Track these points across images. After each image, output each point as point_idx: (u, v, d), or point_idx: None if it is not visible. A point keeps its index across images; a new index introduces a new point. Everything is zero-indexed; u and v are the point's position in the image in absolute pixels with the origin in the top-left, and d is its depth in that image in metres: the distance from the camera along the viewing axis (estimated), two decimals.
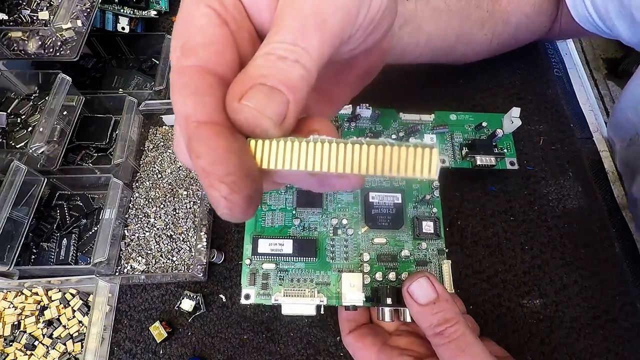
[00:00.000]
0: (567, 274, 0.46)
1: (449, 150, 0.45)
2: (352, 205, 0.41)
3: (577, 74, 0.60)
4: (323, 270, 0.38)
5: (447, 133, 0.45)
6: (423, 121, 0.45)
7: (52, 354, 0.42)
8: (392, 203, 0.41)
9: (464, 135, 0.46)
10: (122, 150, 0.48)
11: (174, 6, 0.67)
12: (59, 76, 0.48)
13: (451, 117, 0.46)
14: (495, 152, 0.44)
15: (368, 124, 0.44)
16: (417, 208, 0.42)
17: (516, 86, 0.56)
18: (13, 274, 0.44)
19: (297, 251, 0.38)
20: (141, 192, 0.51)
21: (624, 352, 0.43)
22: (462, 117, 0.46)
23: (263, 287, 0.38)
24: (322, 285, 0.38)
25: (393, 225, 0.40)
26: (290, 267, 0.38)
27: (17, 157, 0.45)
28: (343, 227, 0.40)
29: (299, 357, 0.43)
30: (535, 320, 0.44)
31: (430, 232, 0.39)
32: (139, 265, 0.46)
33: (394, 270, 0.38)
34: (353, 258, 0.39)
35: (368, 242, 0.40)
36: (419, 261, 0.39)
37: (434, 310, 0.32)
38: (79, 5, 0.49)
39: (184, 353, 0.43)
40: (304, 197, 0.40)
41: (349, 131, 0.44)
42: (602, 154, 0.54)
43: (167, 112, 0.54)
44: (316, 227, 0.40)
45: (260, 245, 0.38)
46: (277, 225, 0.40)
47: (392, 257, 0.39)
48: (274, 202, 0.41)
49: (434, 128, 0.45)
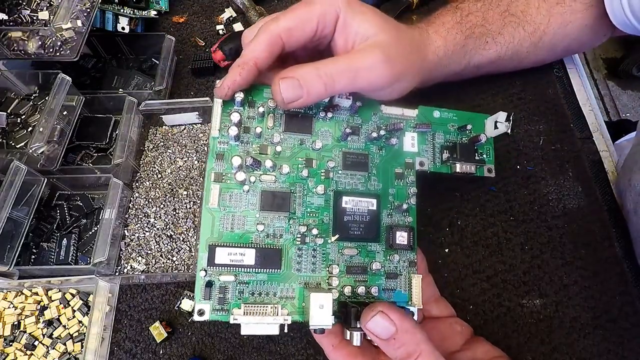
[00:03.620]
0: (567, 274, 0.46)
1: (429, 152, 0.41)
2: (323, 210, 0.37)
3: (577, 74, 0.60)
4: (287, 283, 0.35)
5: (429, 133, 0.42)
6: (406, 117, 0.41)
7: (52, 354, 0.42)
8: (366, 209, 0.37)
9: (445, 136, 0.42)
10: (122, 150, 0.48)
11: (174, 6, 0.67)
12: (59, 76, 0.48)
13: (435, 113, 0.43)
14: (476, 159, 0.41)
15: (346, 115, 0.40)
16: (392, 216, 0.38)
17: (516, 86, 0.56)
18: (13, 274, 0.44)
19: (260, 262, 0.34)
20: (141, 192, 0.51)
21: (624, 352, 0.43)
22: (445, 115, 0.43)
23: (220, 301, 0.33)
24: (285, 299, 0.34)
25: (365, 235, 0.37)
26: (252, 279, 0.34)
27: (17, 157, 0.45)
28: (312, 236, 0.36)
29: (299, 357, 0.43)
30: (535, 320, 0.44)
31: (403, 243, 0.37)
32: (139, 265, 0.46)
33: (363, 283, 0.36)
34: (321, 270, 0.36)
35: (338, 252, 0.37)
36: (390, 274, 0.37)
37: (395, 345, 0.31)
38: (79, 5, 0.49)
39: (184, 353, 0.43)
40: (270, 200, 0.36)
41: (324, 122, 0.39)
42: (602, 154, 0.54)
43: (167, 112, 0.54)
44: (282, 234, 0.36)
45: (218, 255, 0.33)
46: (238, 230, 0.35)
47: (362, 269, 0.37)
48: (234, 204, 0.35)
49: (416, 126, 0.41)
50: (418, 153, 0.41)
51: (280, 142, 0.37)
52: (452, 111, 0.43)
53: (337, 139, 0.39)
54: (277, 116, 0.38)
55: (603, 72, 1.95)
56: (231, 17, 0.65)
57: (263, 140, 0.37)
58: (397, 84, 0.39)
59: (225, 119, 0.36)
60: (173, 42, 0.58)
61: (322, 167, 0.38)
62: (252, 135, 0.37)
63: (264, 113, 0.37)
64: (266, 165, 0.36)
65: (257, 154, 0.37)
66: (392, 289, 0.37)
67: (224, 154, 0.36)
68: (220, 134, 0.36)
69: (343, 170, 0.38)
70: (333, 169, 0.38)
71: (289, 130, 0.38)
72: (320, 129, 0.39)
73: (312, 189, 0.37)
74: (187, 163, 0.53)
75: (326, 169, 0.38)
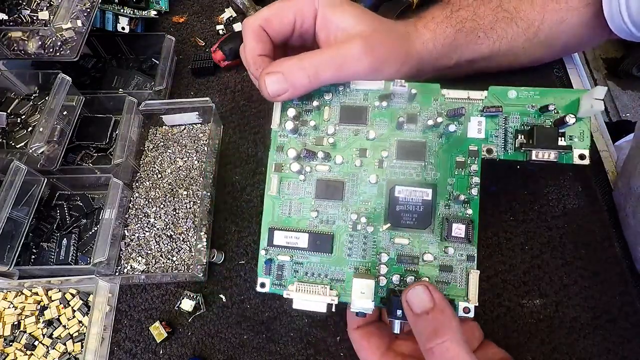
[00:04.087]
0: (567, 274, 0.46)
1: (499, 137, 0.37)
2: (376, 199, 0.38)
3: (577, 74, 0.60)
4: (338, 267, 0.37)
5: (501, 117, 0.38)
6: (472, 100, 0.38)
7: (52, 354, 0.42)
8: (420, 199, 0.36)
9: (522, 118, 0.38)
10: (122, 150, 0.48)
11: (174, 6, 0.67)
12: (59, 76, 0.48)
13: (510, 94, 0.38)
14: (560, 145, 0.36)
15: (403, 103, 0.39)
16: (450, 207, 0.37)
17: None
18: (13, 274, 0.44)
19: (312, 246, 0.37)
20: (141, 192, 0.51)
21: (624, 352, 0.43)
22: (524, 94, 0.38)
23: (278, 277, 0.37)
24: (335, 281, 0.37)
25: (418, 225, 0.36)
26: (305, 260, 0.37)
27: (17, 157, 0.45)
28: (363, 224, 0.37)
29: (299, 357, 0.43)
30: (535, 320, 0.44)
31: (460, 235, 0.35)
32: (139, 265, 0.46)
33: (413, 273, 0.36)
34: (371, 257, 0.37)
35: (389, 241, 0.37)
36: (443, 267, 0.36)
37: (426, 321, 0.31)
38: (79, 5, 0.49)
39: (184, 353, 0.43)
40: (324, 188, 0.38)
41: (379, 111, 0.39)
42: (602, 154, 0.54)
43: (167, 112, 0.54)
44: (335, 220, 0.38)
45: (276, 237, 0.37)
46: (294, 216, 0.38)
47: (413, 258, 0.36)
48: (292, 191, 0.39)
49: (484, 109, 0.37)
50: (485, 139, 0.37)
51: (335, 133, 0.39)
52: (534, 89, 0.38)
53: (393, 128, 0.39)
54: (333, 108, 0.39)
55: (603, 72, 1.95)
56: (231, 17, 0.65)
57: (319, 132, 0.39)
58: (379, 72, 0.40)
59: (284, 113, 0.39)
60: (173, 42, 0.58)
61: (375, 157, 0.38)
62: (309, 128, 0.39)
63: (320, 106, 0.39)
64: (320, 156, 0.38)
65: (313, 146, 0.39)
66: (447, 281, 0.36)
67: (283, 146, 0.39)
68: (280, 127, 0.39)
69: (397, 160, 0.38)
70: (387, 158, 0.38)
71: (344, 122, 0.39)
72: (376, 119, 0.39)
73: (366, 178, 0.38)
74: (187, 163, 0.53)
75: (380, 158, 0.38)
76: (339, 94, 0.40)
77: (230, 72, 0.59)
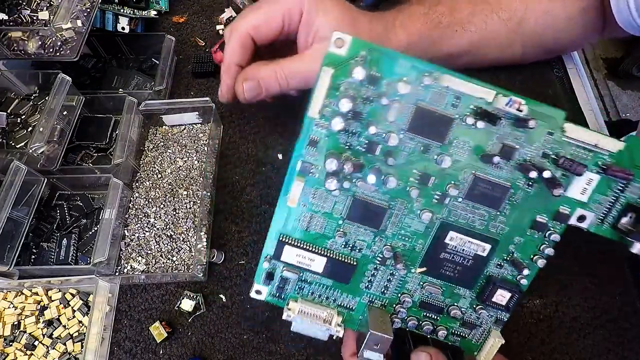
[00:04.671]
0: (567, 274, 0.46)
1: (603, 205, 0.29)
2: (419, 237, 0.31)
3: (577, 74, 0.60)
4: (351, 295, 0.32)
5: (621, 184, 0.29)
6: (599, 150, 0.28)
7: (52, 354, 0.42)
8: (472, 254, 0.30)
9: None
10: (122, 150, 0.48)
11: (174, 6, 0.67)
12: (59, 76, 0.48)
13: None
14: None
15: (505, 129, 0.28)
16: (502, 267, 0.31)
17: (516, 86, 0.56)
18: (13, 274, 0.44)
19: (328, 273, 0.31)
20: (141, 192, 0.51)
21: (624, 352, 0.43)
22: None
23: (278, 289, 0.32)
24: (344, 308, 0.32)
25: (459, 281, 0.31)
26: (315, 280, 0.32)
27: (17, 157, 0.45)
28: (392, 265, 0.31)
29: (299, 357, 0.43)
30: (535, 320, 0.44)
31: (500, 303, 0.31)
32: (139, 265, 0.46)
33: (432, 321, 0.32)
34: (392, 294, 0.32)
35: (418, 284, 0.32)
36: (466, 323, 0.32)
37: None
38: (79, 5, 0.49)
39: (184, 353, 0.43)
40: (361, 210, 0.30)
41: (468, 130, 0.28)
42: None
43: (167, 112, 0.54)
44: (362, 248, 0.31)
45: (286, 253, 0.31)
46: (314, 231, 0.31)
47: (438, 309, 0.32)
48: (318, 203, 0.30)
49: (607, 169, 0.28)
50: (585, 204, 0.29)
51: (397, 145, 0.28)
52: None
53: (476, 158, 0.29)
54: (405, 107, 0.27)
55: (603, 72, 1.95)
56: (231, 17, 0.65)
57: (375, 136, 0.28)
58: None
59: (332, 95, 0.27)
60: (173, 42, 0.58)
61: (439, 190, 0.29)
62: (363, 127, 0.28)
63: (388, 101, 0.27)
64: (368, 181, 0.28)
65: (361, 154, 0.29)
66: (463, 336, 0.33)
67: (319, 140, 0.28)
68: (320, 115, 0.28)
69: (465, 200, 0.30)
70: (453, 196, 0.30)
71: (415, 131, 0.28)
72: (458, 139, 0.28)
73: (416, 212, 0.30)
74: (187, 163, 0.53)
75: (443, 192, 0.30)
76: (420, 88, 0.27)
77: None
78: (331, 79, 0.26)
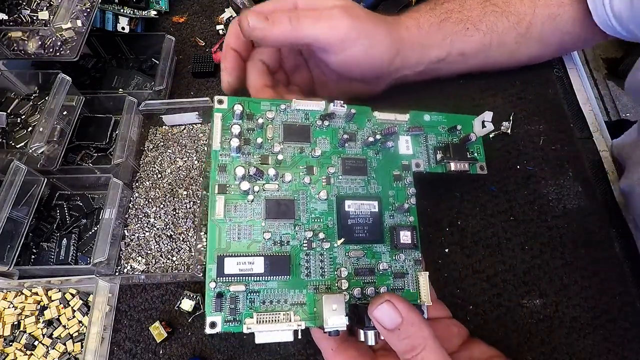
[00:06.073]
0: (567, 274, 0.46)
1: (423, 153, 0.43)
2: (327, 215, 0.38)
3: (577, 74, 0.60)
4: (298, 289, 0.35)
5: (422, 135, 0.43)
6: (398, 121, 0.42)
7: (52, 354, 0.42)
8: (368, 212, 0.38)
9: (437, 137, 0.44)
10: (122, 150, 0.48)
11: (174, 6, 0.67)
12: (59, 76, 0.48)
13: (425, 117, 0.44)
14: (469, 157, 0.43)
15: (342, 123, 0.41)
16: (394, 217, 0.39)
17: (516, 86, 0.56)
18: (13, 274, 0.45)
19: (269, 270, 0.34)
20: (141, 192, 0.51)
21: (624, 352, 0.43)
22: (435, 118, 0.45)
23: (231, 312, 0.33)
24: (297, 305, 0.35)
25: (370, 237, 0.38)
26: (262, 287, 0.34)
27: (17, 157, 0.45)
28: (318, 241, 0.36)
29: (299, 357, 0.43)
30: (535, 320, 0.44)
31: (407, 242, 0.38)
32: (139, 265, 0.46)
33: (372, 284, 0.37)
34: (330, 274, 0.36)
35: (345, 255, 0.37)
36: (397, 273, 0.38)
37: (400, 336, 0.31)
38: (79, 5, 0.49)
39: (184, 353, 0.43)
40: (274, 208, 0.36)
41: (321, 130, 0.40)
42: (602, 154, 0.54)
43: (167, 112, 0.54)
44: (289, 240, 0.36)
45: (227, 265, 0.33)
46: (245, 240, 0.35)
47: (369, 270, 0.37)
48: (240, 214, 0.36)
49: (409, 130, 0.42)
50: (413, 155, 0.42)
51: (280, 151, 0.38)
52: (441, 114, 0.45)
53: (335, 146, 0.40)
54: (276, 127, 0.39)
55: (603, 72, 1.95)
56: (231, 17, 0.65)
57: (264, 151, 0.38)
58: (357, 40, 0.42)
59: (225, 132, 0.38)
60: (173, 42, 0.58)
61: (322, 174, 0.39)
62: (253, 147, 0.38)
63: (263, 124, 0.38)
64: (269, 174, 0.37)
65: (258, 164, 0.37)
66: (401, 288, 0.38)
67: (226, 166, 0.37)
68: (221, 147, 0.37)
69: (343, 176, 0.39)
70: (333, 174, 0.39)
71: (289, 140, 0.39)
72: (318, 138, 0.40)
73: (315, 195, 0.38)
74: (187, 163, 0.53)
75: (327, 175, 0.39)
76: (280, 113, 0.39)
77: None
78: (221, 121, 0.38)
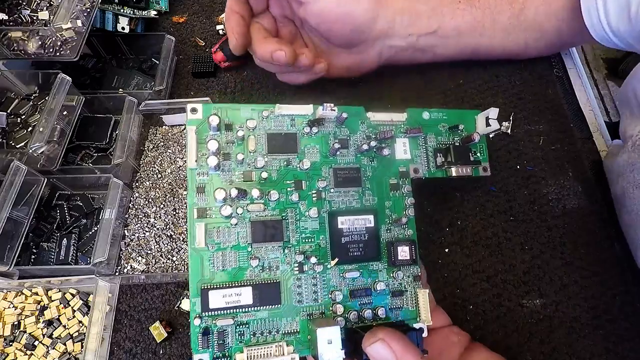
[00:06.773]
0: (567, 274, 0.46)
1: (422, 157, 0.40)
2: (319, 234, 0.35)
3: (577, 74, 0.60)
4: (290, 317, 0.33)
5: (420, 137, 0.40)
6: (395, 122, 0.39)
7: (52, 354, 0.42)
8: (363, 227, 0.35)
9: (437, 138, 0.41)
10: (122, 150, 0.48)
11: (174, 6, 0.67)
12: (59, 76, 0.48)
13: (424, 115, 0.40)
14: (472, 160, 0.40)
15: (333, 128, 0.37)
16: (391, 230, 0.36)
17: (516, 86, 0.56)
18: (13, 274, 0.44)
19: (259, 299, 0.32)
20: (141, 192, 0.51)
21: (624, 352, 0.43)
22: (435, 115, 0.41)
23: (219, 348, 0.31)
24: (289, 335, 0.32)
25: (366, 255, 0.35)
26: (251, 319, 0.32)
27: (17, 157, 0.45)
28: (310, 264, 0.34)
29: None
30: (535, 320, 0.44)
31: (405, 258, 0.35)
32: (139, 265, 0.46)
33: (369, 306, 0.34)
34: (324, 298, 0.34)
35: (339, 277, 0.34)
36: (395, 292, 0.35)
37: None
38: (79, 5, 0.49)
39: (184, 353, 0.43)
40: (261, 230, 0.33)
41: (310, 138, 0.36)
42: (602, 154, 0.54)
43: (167, 112, 0.54)
44: (278, 265, 0.33)
45: (212, 299, 0.31)
46: (230, 268, 0.32)
47: (366, 291, 0.35)
48: (223, 239, 0.33)
49: (407, 131, 0.39)
50: (411, 160, 0.39)
51: (265, 166, 0.35)
52: (442, 110, 0.42)
53: (325, 155, 0.37)
54: (258, 137, 0.35)
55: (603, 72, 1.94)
56: None
57: (246, 167, 0.34)
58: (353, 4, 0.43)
59: (202, 147, 0.34)
60: (173, 42, 0.58)
61: (312, 188, 0.35)
62: (234, 162, 0.34)
63: (244, 136, 0.35)
64: (253, 195, 0.33)
65: (241, 182, 0.34)
66: (399, 307, 0.36)
67: (204, 186, 0.33)
68: (198, 164, 0.33)
69: (335, 189, 0.36)
70: (324, 188, 0.36)
71: (273, 152, 0.35)
72: (307, 146, 0.36)
73: (305, 213, 0.35)
74: None
75: (317, 189, 0.35)
76: (263, 121, 0.35)
77: (231, 72, 0.59)
78: (196, 134, 0.33)
